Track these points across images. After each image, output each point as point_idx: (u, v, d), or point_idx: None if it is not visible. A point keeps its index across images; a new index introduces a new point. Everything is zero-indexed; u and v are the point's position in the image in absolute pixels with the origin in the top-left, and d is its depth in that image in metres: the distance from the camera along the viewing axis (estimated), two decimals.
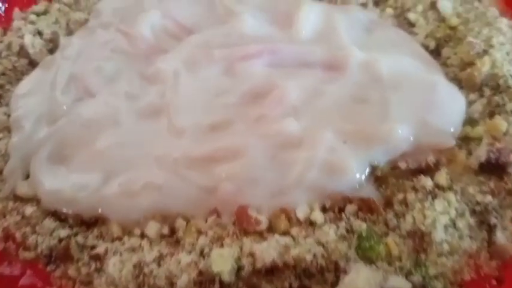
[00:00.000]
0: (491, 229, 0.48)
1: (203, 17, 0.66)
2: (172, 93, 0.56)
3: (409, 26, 0.67)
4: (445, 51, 0.64)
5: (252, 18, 0.63)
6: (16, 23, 0.72)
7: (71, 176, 0.52)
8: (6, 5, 0.77)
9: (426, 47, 0.64)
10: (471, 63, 0.60)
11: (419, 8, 0.68)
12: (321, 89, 0.57)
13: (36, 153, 0.55)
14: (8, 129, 0.60)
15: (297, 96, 0.56)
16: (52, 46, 0.69)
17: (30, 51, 0.66)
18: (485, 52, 0.60)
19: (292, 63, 0.59)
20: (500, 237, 0.47)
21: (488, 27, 0.63)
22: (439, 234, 0.46)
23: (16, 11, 0.76)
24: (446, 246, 0.46)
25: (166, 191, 0.49)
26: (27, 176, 0.55)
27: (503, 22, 0.63)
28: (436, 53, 0.64)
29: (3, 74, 0.66)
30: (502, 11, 0.68)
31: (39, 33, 0.70)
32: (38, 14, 0.75)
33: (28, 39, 0.66)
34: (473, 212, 0.49)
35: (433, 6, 0.68)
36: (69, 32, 0.71)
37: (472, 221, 0.48)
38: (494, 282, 0.46)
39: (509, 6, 0.69)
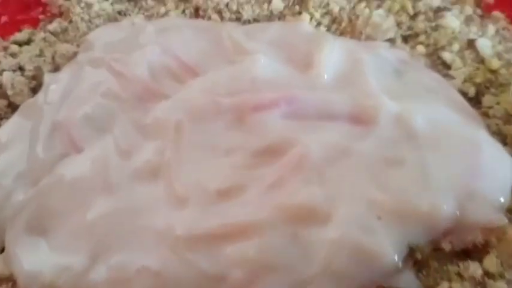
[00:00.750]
0: None
1: (209, 54, 0.58)
2: (173, 150, 0.48)
3: (443, 67, 0.60)
4: (486, 100, 0.56)
5: (266, 57, 0.55)
6: None
7: (52, 253, 0.45)
8: None
9: (465, 94, 0.57)
10: None
11: (456, 46, 0.60)
12: (348, 147, 0.49)
13: (13, 221, 0.47)
14: None
15: (320, 155, 0.48)
16: (35, 84, 0.61)
17: (9, 92, 0.58)
18: None
19: (313, 114, 0.52)
20: None
21: None
22: None
23: None
24: None
25: (164, 279, 0.42)
26: (2, 249, 0.48)
27: None
28: (475, 100, 0.57)
29: None
30: None
31: (20, 69, 0.62)
32: (20, 44, 0.67)
33: (7, 78, 0.59)
34: None
35: (471, 44, 0.60)
36: (55, 67, 0.63)
37: None
38: None
39: None
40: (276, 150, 0.49)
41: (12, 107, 0.59)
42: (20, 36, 0.68)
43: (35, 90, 0.61)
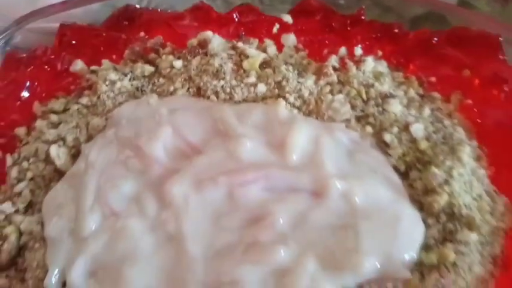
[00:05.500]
0: None
1: (209, 133, 0.85)
2: (184, 218, 0.75)
3: (384, 145, 0.87)
4: (413, 174, 0.83)
5: (250, 141, 0.82)
6: (39, 124, 0.90)
7: None
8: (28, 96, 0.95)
9: (397, 169, 0.84)
10: (433, 191, 0.80)
11: (395, 129, 0.87)
12: (306, 215, 0.76)
13: (71, 268, 0.74)
14: (43, 239, 0.79)
15: (286, 221, 0.75)
16: (74, 151, 0.88)
17: (57, 162, 0.84)
18: (446, 181, 0.80)
19: (283, 187, 0.79)
20: None
21: (451, 156, 0.82)
22: None
23: (36, 105, 0.94)
24: None
25: None
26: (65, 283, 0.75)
27: (466, 151, 0.83)
28: (405, 175, 0.84)
29: (32, 179, 0.85)
30: (467, 130, 0.89)
31: (62, 139, 0.88)
32: (57, 112, 0.93)
33: (54, 151, 0.85)
34: None
35: (407, 127, 0.87)
36: (89, 137, 0.89)
37: None
38: None
39: (474, 125, 0.90)
40: (255, 217, 0.76)
41: (59, 172, 0.86)
42: (56, 106, 0.93)
43: (74, 157, 0.87)
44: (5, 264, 0.79)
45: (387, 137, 0.87)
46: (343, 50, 1.00)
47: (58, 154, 0.85)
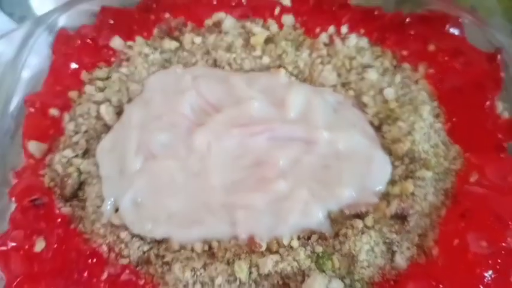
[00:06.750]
0: (393, 254, 0.92)
1: (224, 95, 1.09)
2: (207, 159, 1.00)
3: (363, 105, 1.10)
4: (384, 128, 1.07)
5: (257, 102, 1.06)
6: (88, 88, 1.14)
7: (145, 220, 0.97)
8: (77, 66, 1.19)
9: (372, 124, 1.08)
10: (399, 140, 1.03)
11: (371, 92, 1.10)
12: (300, 158, 1.00)
13: (122, 198, 0.98)
14: (98, 176, 1.03)
15: (285, 162, 1.00)
16: (118, 110, 1.12)
17: (106, 118, 1.08)
18: (408, 133, 1.03)
19: (283, 137, 1.03)
20: (398, 259, 0.92)
21: (414, 113, 1.05)
22: (362, 256, 0.91)
23: (84, 73, 1.17)
24: (366, 263, 0.91)
25: (208, 227, 0.94)
26: (117, 209, 0.99)
27: (426, 110, 1.05)
28: (378, 128, 1.08)
29: (86, 131, 1.09)
30: (429, 93, 1.12)
31: (108, 100, 1.12)
32: (101, 79, 1.16)
33: (103, 109, 1.08)
34: (384, 243, 0.93)
35: (381, 92, 1.11)
36: (129, 99, 1.13)
37: (383, 248, 0.92)
38: (392, 283, 0.92)
39: (436, 89, 1.13)
40: (262, 159, 1.01)
41: (107, 126, 1.10)
42: (100, 74, 1.17)
43: (119, 114, 1.11)
44: (68, 196, 1.03)
45: (365, 99, 1.10)
46: (332, 29, 1.21)
47: (107, 112, 1.09)
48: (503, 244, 0.89)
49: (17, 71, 1.19)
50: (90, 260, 0.94)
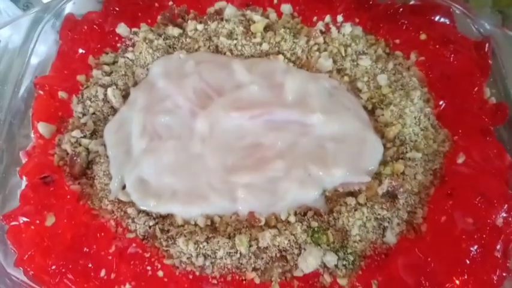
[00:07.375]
0: (384, 229, 0.99)
1: (225, 80, 1.14)
2: (209, 140, 1.05)
3: (357, 90, 1.16)
4: (377, 112, 1.13)
5: (256, 86, 1.11)
6: (95, 72, 1.19)
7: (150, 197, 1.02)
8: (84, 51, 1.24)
9: (366, 108, 1.14)
10: (390, 123, 1.10)
11: (365, 78, 1.16)
12: (297, 140, 1.06)
13: (128, 176, 1.04)
14: (106, 156, 1.09)
15: (283, 144, 1.06)
16: (124, 93, 1.17)
17: (113, 100, 1.14)
18: (400, 116, 1.09)
19: (281, 120, 1.09)
20: (388, 234, 0.99)
21: (406, 98, 1.11)
22: (355, 231, 0.97)
23: (90, 58, 1.22)
24: (358, 237, 0.97)
25: (210, 203, 1.00)
26: (124, 186, 1.05)
27: (417, 95, 1.11)
28: (372, 112, 1.14)
29: (94, 113, 1.14)
30: (420, 79, 1.18)
31: (115, 84, 1.17)
32: (108, 64, 1.21)
33: (110, 93, 1.14)
34: (376, 219, 0.99)
35: (374, 78, 1.17)
36: (135, 83, 1.19)
37: (374, 224, 0.98)
38: (383, 256, 0.99)
39: (426, 76, 1.19)
40: (260, 142, 1.06)
41: (114, 109, 1.15)
42: (106, 59, 1.22)
43: (125, 97, 1.16)
44: (77, 174, 1.08)
45: (359, 84, 1.16)
46: (328, 18, 1.26)
47: (113, 95, 1.14)
48: (488, 221, 0.96)
49: (26, 56, 1.23)
50: (98, 234, 1.00)
